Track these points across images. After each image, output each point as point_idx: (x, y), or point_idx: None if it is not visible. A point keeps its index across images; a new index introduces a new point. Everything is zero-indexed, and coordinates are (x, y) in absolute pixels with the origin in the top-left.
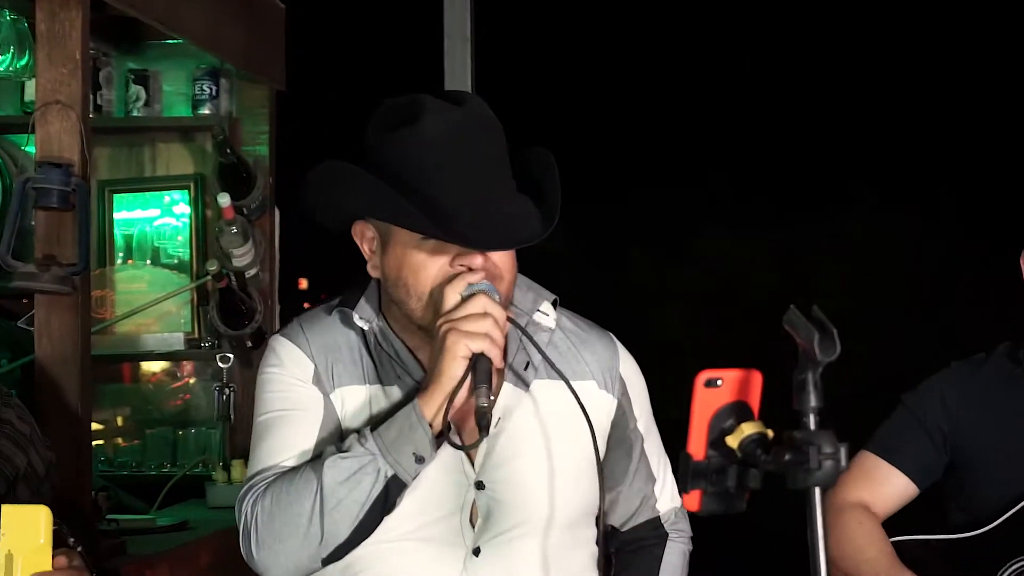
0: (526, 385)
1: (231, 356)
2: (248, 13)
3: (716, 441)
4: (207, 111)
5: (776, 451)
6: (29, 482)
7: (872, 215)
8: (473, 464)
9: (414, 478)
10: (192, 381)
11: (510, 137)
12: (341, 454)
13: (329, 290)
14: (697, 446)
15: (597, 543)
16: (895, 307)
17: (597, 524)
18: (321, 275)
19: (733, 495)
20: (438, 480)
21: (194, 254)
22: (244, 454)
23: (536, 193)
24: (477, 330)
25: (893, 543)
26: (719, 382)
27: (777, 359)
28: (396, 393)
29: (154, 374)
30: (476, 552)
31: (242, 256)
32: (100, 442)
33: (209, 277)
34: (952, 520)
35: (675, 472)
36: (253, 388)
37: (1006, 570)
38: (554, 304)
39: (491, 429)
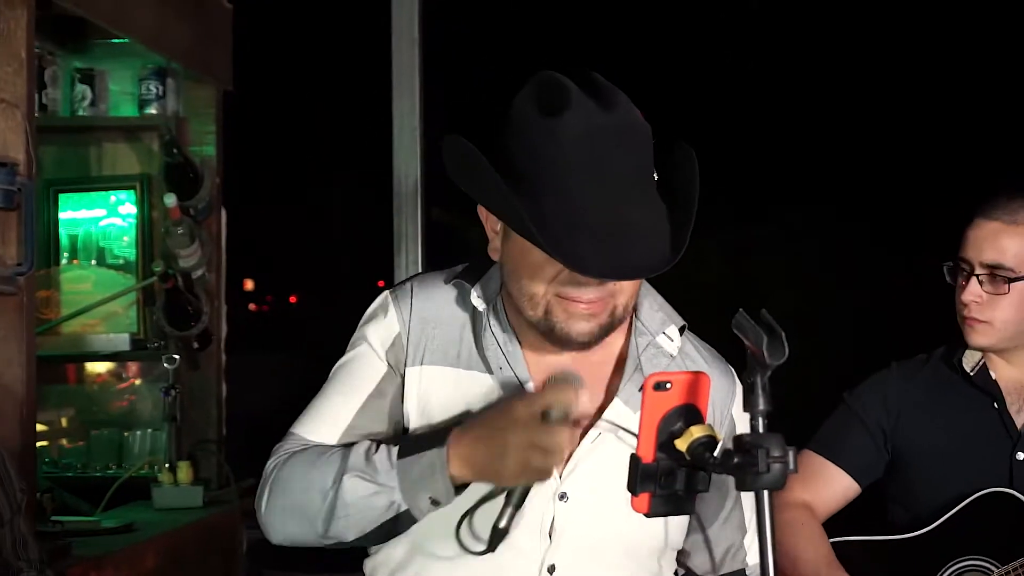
0: (636, 407)
1: (177, 357)
2: (195, 13)
3: (665, 444)
4: (154, 111)
5: (725, 454)
6: None
7: (816, 218)
8: (560, 475)
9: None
10: (138, 382)
11: (458, 134)
12: (362, 473)
13: (276, 291)
14: (646, 449)
15: None
16: (839, 310)
17: (669, 563)
18: (267, 276)
19: (682, 497)
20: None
21: (140, 254)
22: (190, 456)
23: (673, 202)
24: (543, 466)
25: (834, 544)
26: (668, 385)
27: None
28: (488, 382)
29: (99, 375)
30: (551, 570)
31: (188, 257)
32: (44, 443)
33: (155, 278)
34: (893, 520)
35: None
36: (198, 390)
37: (945, 571)
38: (681, 330)
39: (589, 444)
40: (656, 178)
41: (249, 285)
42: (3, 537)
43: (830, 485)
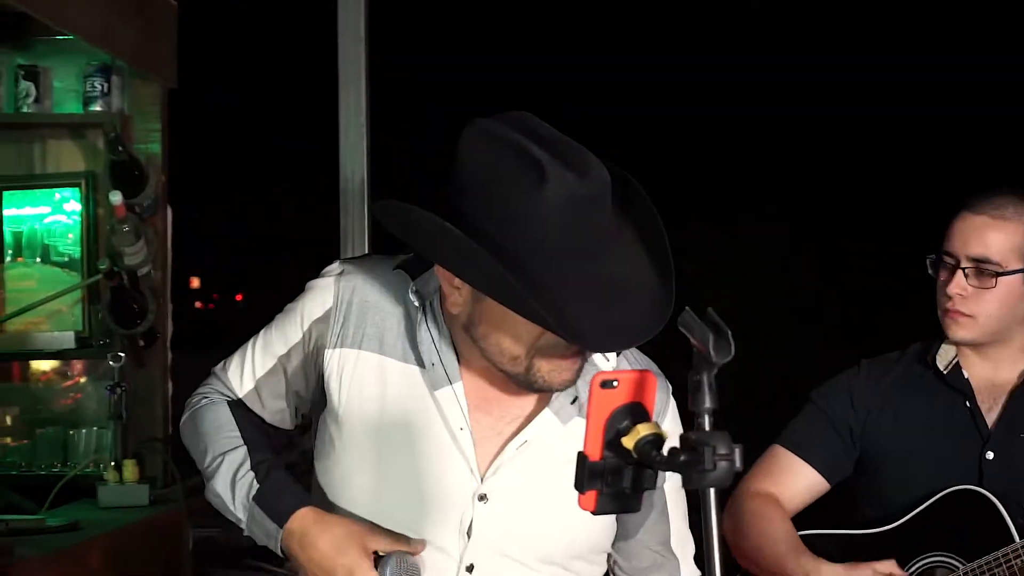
0: (566, 419)
1: (123, 355)
2: (140, 10)
3: (612, 442)
4: (98, 108)
5: (671, 451)
6: None
7: (774, 215)
8: (482, 477)
9: (409, 500)
10: (83, 380)
11: (405, 140)
12: (225, 492)
13: (221, 289)
14: (593, 447)
15: None
16: (799, 309)
17: (599, 568)
18: (213, 274)
19: (628, 495)
20: (438, 486)
21: (85, 252)
22: (136, 454)
23: (647, 246)
24: None
25: (802, 536)
26: (615, 383)
27: (674, 359)
28: (416, 375)
29: (44, 373)
30: (470, 569)
31: (134, 254)
32: None
33: (101, 275)
34: (862, 516)
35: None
36: (144, 388)
37: (910, 568)
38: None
39: (514, 449)
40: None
41: (195, 283)
42: None
43: (797, 480)
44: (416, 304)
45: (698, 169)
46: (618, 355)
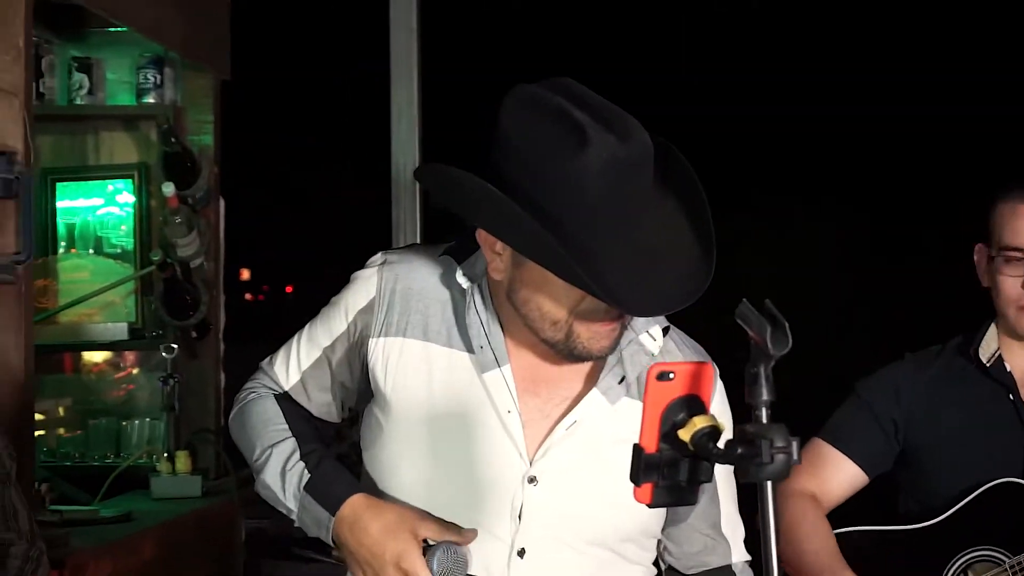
0: (614, 399)
1: (175, 346)
2: (193, 1)
3: (668, 434)
4: (151, 100)
5: (728, 444)
6: None
7: (818, 205)
8: (532, 459)
9: (457, 487)
10: (135, 371)
11: (454, 127)
12: (274, 483)
13: (272, 281)
14: (649, 439)
15: (656, 564)
16: (840, 303)
17: (649, 552)
18: (264, 265)
19: (684, 488)
20: (488, 470)
21: (138, 243)
22: (188, 446)
23: (688, 213)
24: None
25: (844, 534)
26: (671, 375)
27: (722, 353)
28: (462, 359)
29: (96, 364)
30: (521, 553)
31: (187, 246)
32: (42, 433)
33: (153, 267)
34: (905, 511)
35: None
36: (196, 379)
37: (955, 563)
38: (665, 331)
39: (563, 431)
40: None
41: (245, 275)
42: None
43: (838, 474)
44: (464, 286)
45: (745, 161)
46: (665, 335)
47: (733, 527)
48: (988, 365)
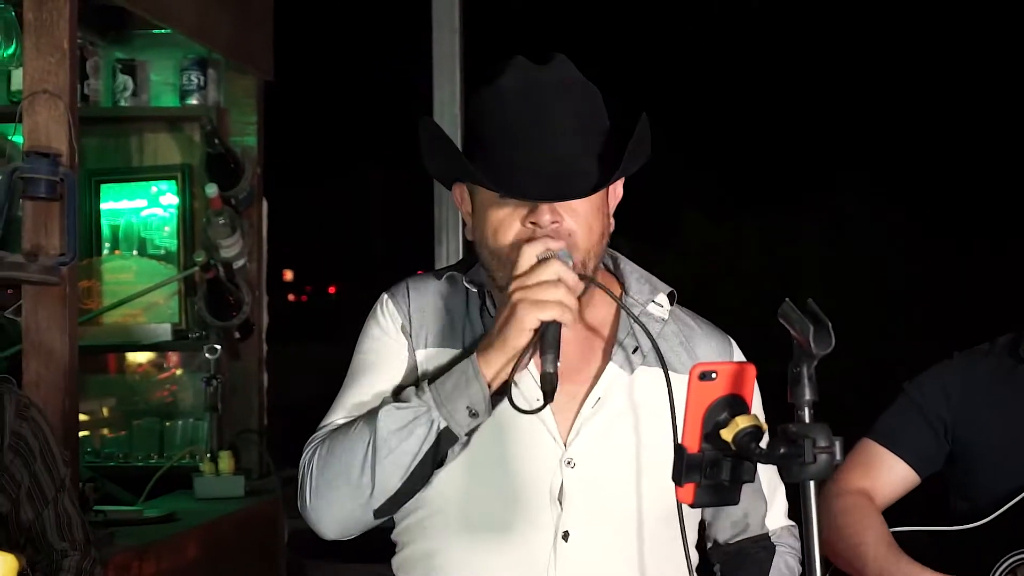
0: (631, 369)
1: (219, 347)
2: (236, 3)
3: (710, 434)
4: (195, 101)
5: (771, 444)
6: (34, 502)
7: (862, 202)
8: (565, 442)
9: (468, 434)
10: (179, 372)
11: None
12: (397, 404)
13: (315, 282)
14: (691, 439)
15: (698, 547)
16: (883, 296)
17: (690, 530)
18: (307, 266)
19: (727, 488)
20: (525, 457)
21: (181, 244)
22: (231, 446)
23: (621, 141)
24: (549, 298)
25: (892, 534)
26: (713, 375)
27: (764, 350)
28: None
29: (140, 365)
30: (566, 536)
31: (230, 247)
32: (86, 433)
33: (196, 268)
34: (954, 510)
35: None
36: (239, 380)
37: (1004, 562)
38: (671, 297)
39: (590, 409)
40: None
41: (288, 275)
42: (47, 517)
43: (889, 474)
44: (472, 290)
45: (798, 157)
46: (672, 302)
47: (772, 489)
48: None
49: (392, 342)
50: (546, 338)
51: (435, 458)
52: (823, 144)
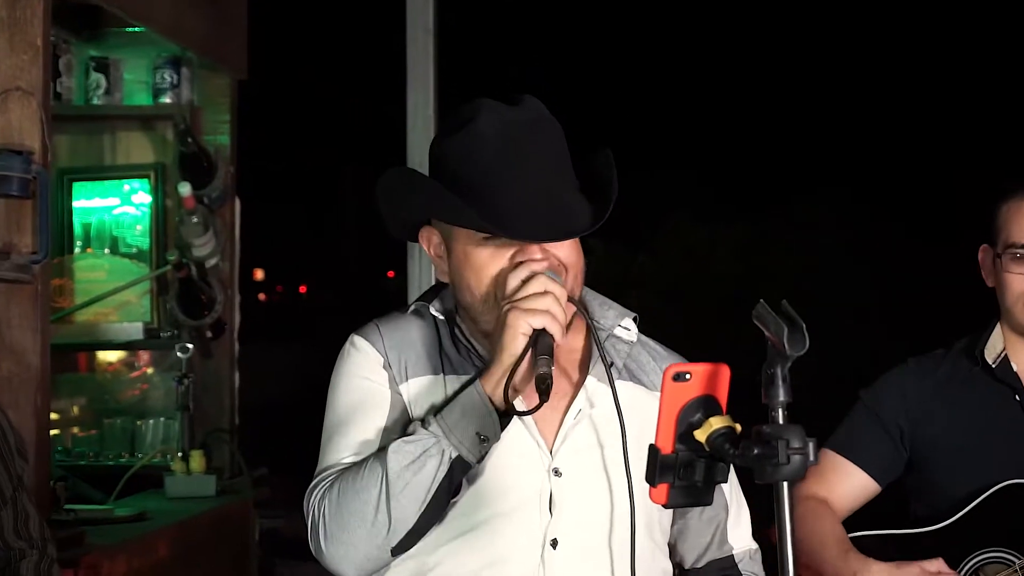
0: (609, 382)
1: (190, 346)
2: (210, 2)
3: (684, 435)
4: (168, 100)
5: (745, 445)
6: None
7: (834, 210)
8: (551, 451)
9: (479, 460)
10: (151, 371)
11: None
12: (405, 438)
13: (285, 281)
14: (665, 440)
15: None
16: (852, 302)
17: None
18: (277, 266)
19: (701, 488)
20: (513, 466)
21: (154, 243)
22: (203, 445)
23: (594, 190)
24: (538, 307)
25: (854, 538)
26: (688, 376)
27: (740, 351)
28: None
29: (112, 364)
30: (554, 544)
31: (203, 246)
32: (57, 432)
33: (169, 266)
34: (914, 514)
35: (648, 465)
36: (211, 379)
37: (965, 565)
38: (635, 320)
39: (572, 419)
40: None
41: (259, 275)
42: (5, 516)
43: (848, 484)
44: (441, 317)
45: (776, 163)
46: (635, 322)
47: (737, 505)
48: (994, 366)
49: (374, 382)
50: (538, 346)
51: (450, 488)
52: (802, 151)
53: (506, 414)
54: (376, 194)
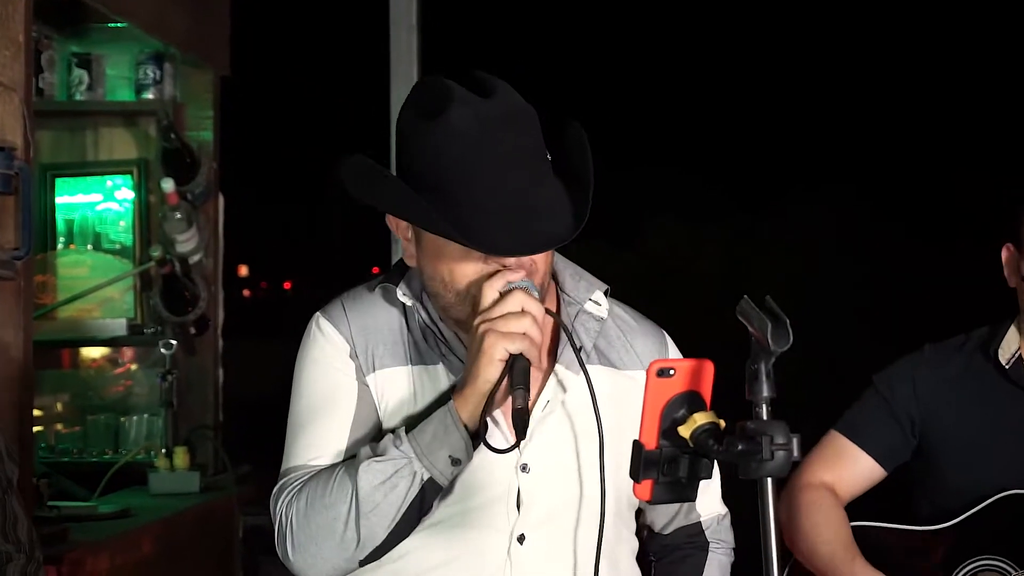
0: (577, 370)
1: (174, 343)
2: None
3: (668, 431)
4: (151, 96)
5: (729, 441)
6: None
7: (826, 209)
8: (519, 446)
9: (451, 481)
10: (134, 367)
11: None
12: (376, 457)
13: (270, 277)
14: (649, 436)
15: (637, 535)
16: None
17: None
18: (261, 262)
19: (685, 485)
20: (481, 463)
21: (137, 239)
22: (187, 442)
23: (571, 179)
24: (515, 330)
25: (855, 527)
26: (671, 372)
27: (726, 348)
28: (440, 372)
29: (95, 360)
30: (521, 540)
31: (186, 242)
32: (40, 428)
33: (152, 263)
34: (918, 511)
35: (632, 460)
36: (195, 375)
37: (961, 569)
38: (606, 293)
39: (541, 412)
40: (550, 158)
41: (243, 271)
42: None
43: (854, 467)
44: (408, 304)
45: (763, 163)
46: (606, 295)
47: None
48: (1007, 367)
49: (340, 373)
50: (514, 373)
51: (421, 507)
52: (794, 149)
53: (478, 436)
54: (337, 180)
